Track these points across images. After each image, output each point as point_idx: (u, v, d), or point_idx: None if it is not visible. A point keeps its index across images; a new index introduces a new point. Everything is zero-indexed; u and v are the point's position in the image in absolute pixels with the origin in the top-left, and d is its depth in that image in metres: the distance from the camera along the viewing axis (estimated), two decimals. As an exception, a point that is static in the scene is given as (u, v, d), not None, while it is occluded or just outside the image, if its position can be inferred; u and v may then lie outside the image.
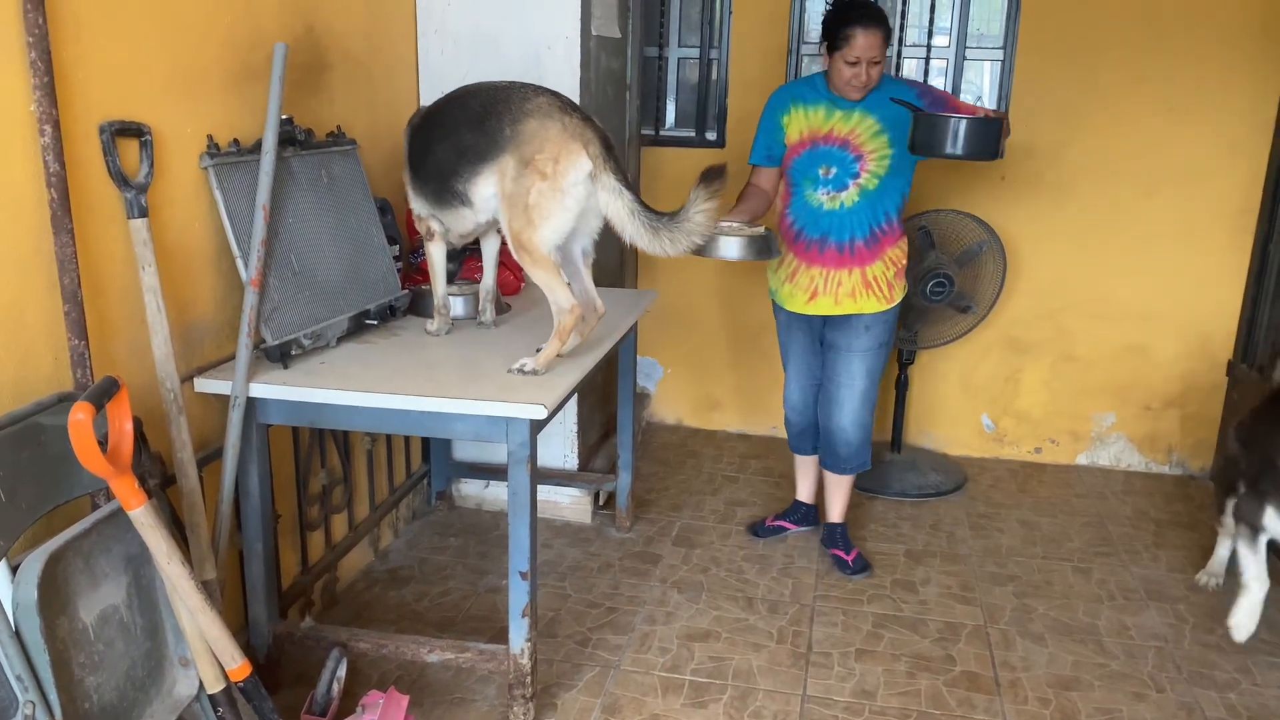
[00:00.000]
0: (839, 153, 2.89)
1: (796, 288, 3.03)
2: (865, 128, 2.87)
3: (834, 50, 2.79)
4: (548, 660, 2.65)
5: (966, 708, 2.53)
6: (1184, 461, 4.10)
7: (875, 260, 2.96)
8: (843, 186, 2.90)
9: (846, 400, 3.07)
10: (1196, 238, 3.87)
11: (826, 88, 2.90)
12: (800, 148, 2.93)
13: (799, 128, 2.92)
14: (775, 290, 3.14)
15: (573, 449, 3.46)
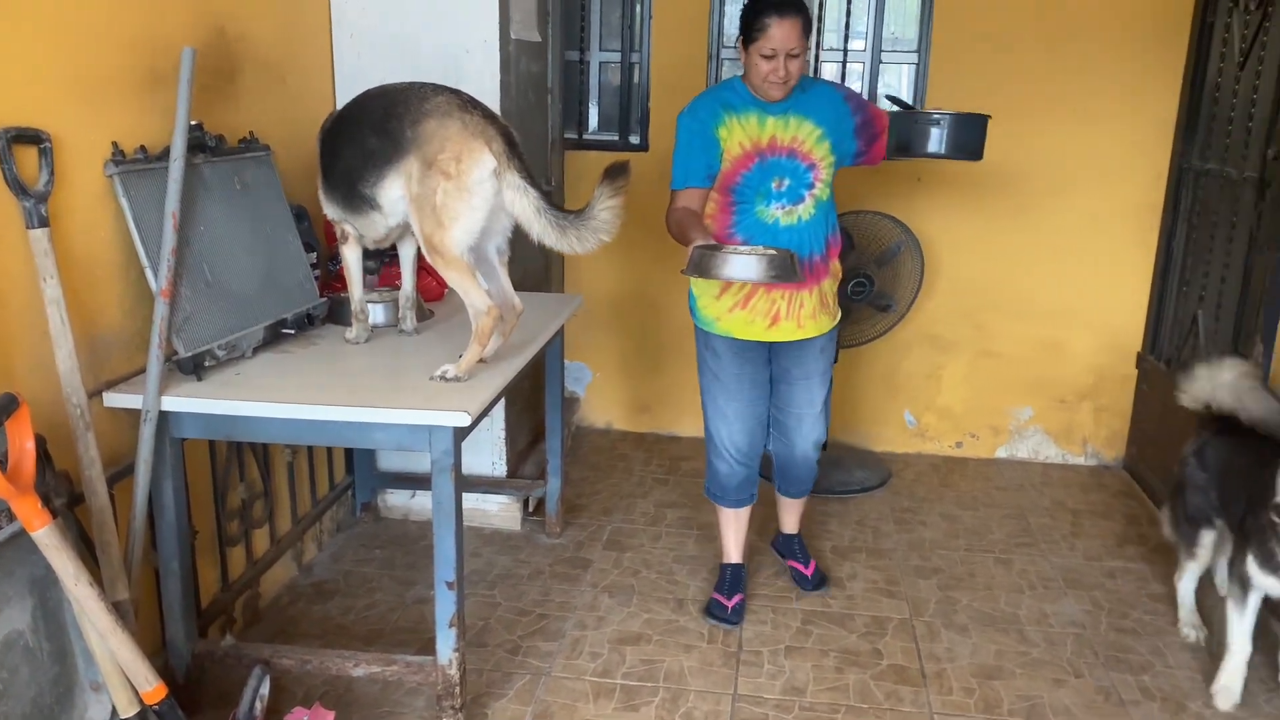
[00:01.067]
0: (789, 163, 2.64)
1: (754, 314, 2.71)
2: (806, 134, 2.64)
3: (749, 44, 2.55)
4: (477, 670, 2.62)
5: (894, 700, 2.57)
6: (1098, 452, 4.22)
7: (827, 274, 2.77)
8: (798, 199, 2.66)
9: (809, 428, 2.90)
10: (1105, 235, 3.99)
11: (749, 92, 2.64)
12: (747, 160, 2.63)
13: (739, 139, 2.63)
14: (713, 320, 2.77)
15: (501, 456, 3.43)
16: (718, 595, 2.97)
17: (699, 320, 2.84)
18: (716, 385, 2.84)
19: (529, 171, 2.30)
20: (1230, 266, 3.37)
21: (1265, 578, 2.41)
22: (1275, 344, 3.01)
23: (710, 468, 2.95)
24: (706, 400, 2.89)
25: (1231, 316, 3.34)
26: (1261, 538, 2.39)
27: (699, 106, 2.69)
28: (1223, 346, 3.36)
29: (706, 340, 2.84)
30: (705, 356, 2.86)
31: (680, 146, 2.69)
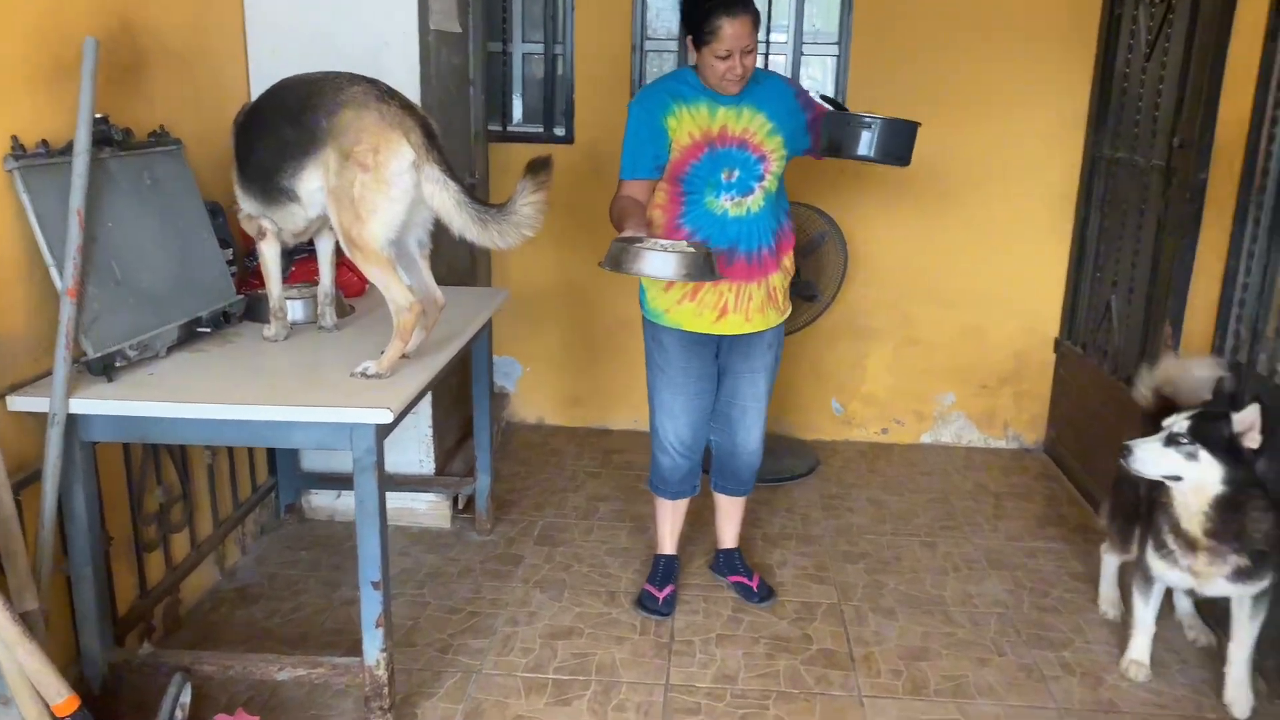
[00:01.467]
0: (739, 154, 2.60)
1: (702, 306, 2.67)
2: (758, 125, 2.61)
3: (701, 45, 2.51)
4: (406, 670, 2.59)
5: (824, 685, 2.61)
6: (1019, 436, 4.32)
7: (777, 269, 2.73)
8: (748, 191, 2.63)
9: (754, 422, 2.87)
10: (1023, 224, 4.08)
11: (699, 83, 2.60)
12: (697, 151, 2.59)
13: (688, 129, 2.59)
14: (662, 312, 2.73)
15: (428, 453, 3.39)
16: (649, 587, 2.97)
17: (647, 312, 2.78)
18: (663, 378, 2.79)
19: (449, 164, 2.27)
20: (1140, 252, 3.47)
21: (1158, 562, 2.48)
22: (1183, 326, 3.11)
23: (654, 461, 2.92)
24: (653, 393, 2.84)
25: (1143, 300, 3.44)
26: (1157, 518, 2.47)
27: (647, 96, 2.65)
28: (1136, 330, 3.46)
29: (654, 333, 2.79)
30: (652, 349, 2.81)
31: (628, 136, 2.65)
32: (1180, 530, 2.38)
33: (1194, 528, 2.34)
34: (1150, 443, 2.35)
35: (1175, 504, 2.38)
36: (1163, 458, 2.33)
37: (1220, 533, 2.31)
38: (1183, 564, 2.41)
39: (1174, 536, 2.41)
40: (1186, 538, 2.37)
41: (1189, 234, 3.06)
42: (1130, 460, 2.36)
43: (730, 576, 3.08)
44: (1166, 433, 2.33)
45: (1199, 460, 2.28)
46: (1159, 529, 2.46)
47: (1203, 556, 2.36)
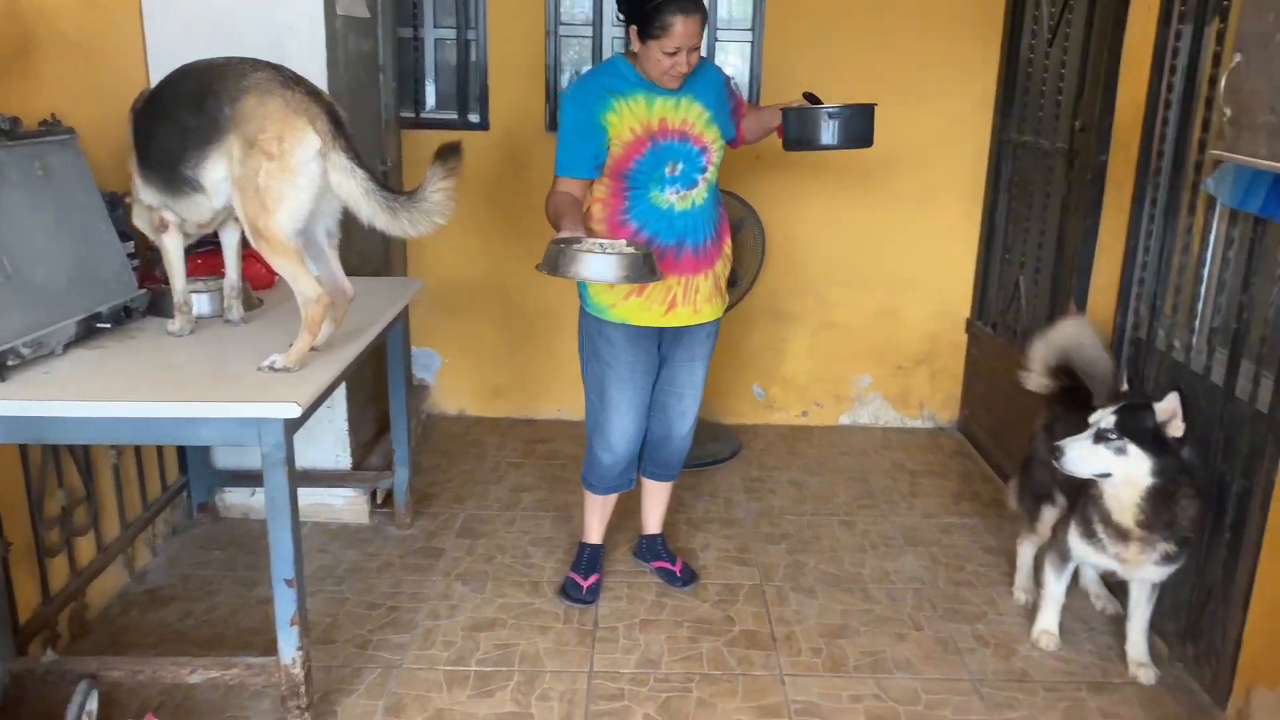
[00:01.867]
0: (682, 146, 2.57)
1: (650, 300, 2.63)
2: (695, 116, 2.59)
3: (649, 38, 2.45)
4: (325, 667, 2.55)
5: (746, 665, 2.63)
6: (934, 415, 4.42)
7: (720, 258, 2.73)
8: (692, 183, 2.60)
9: (690, 409, 2.86)
10: (935, 207, 4.16)
11: (635, 73, 2.55)
12: (640, 146, 2.54)
13: (629, 125, 2.53)
14: (607, 307, 2.66)
15: (345, 448, 3.33)
16: (574, 575, 2.95)
17: (590, 307, 2.69)
18: (610, 374, 2.71)
19: (356, 151, 2.23)
20: (1046, 233, 3.56)
21: (1083, 547, 2.53)
22: (1087, 304, 3.21)
23: (592, 459, 2.85)
24: (599, 390, 2.75)
25: (1049, 280, 3.53)
26: (1084, 508, 2.51)
27: (583, 93, 2.57)
28: (1043, 310, 3.56)
29: (599, 328, 2.70)
30: (597, 345, 2.72)
31: (565, 133, 2.58)
32: (1112, 522, 2.41)
33: (1126, 520, 2.38)
34: (1080, 441, 2.35)
35: (1106, 497, 2.41)
36: (1093, 455, 2.33)
37: (1152, 523, 2.36)
38: (1111, 551, 2.45)
39: (1104, 527, 2.44)
40: (1119, 529, 2.41)
41: (1091, 215, 3.15)
42: (1063, 462, 2.36)
43: (654, 562, 3.08)
44: (1094, 430, 2.35)
45: (1128, 454, 2.31)
46: (1088, 519, 2.49)
47: (1134, 546, 2.41)
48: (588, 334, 2.74)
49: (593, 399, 2.79)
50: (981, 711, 2.46)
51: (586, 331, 2.74)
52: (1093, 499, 2.46)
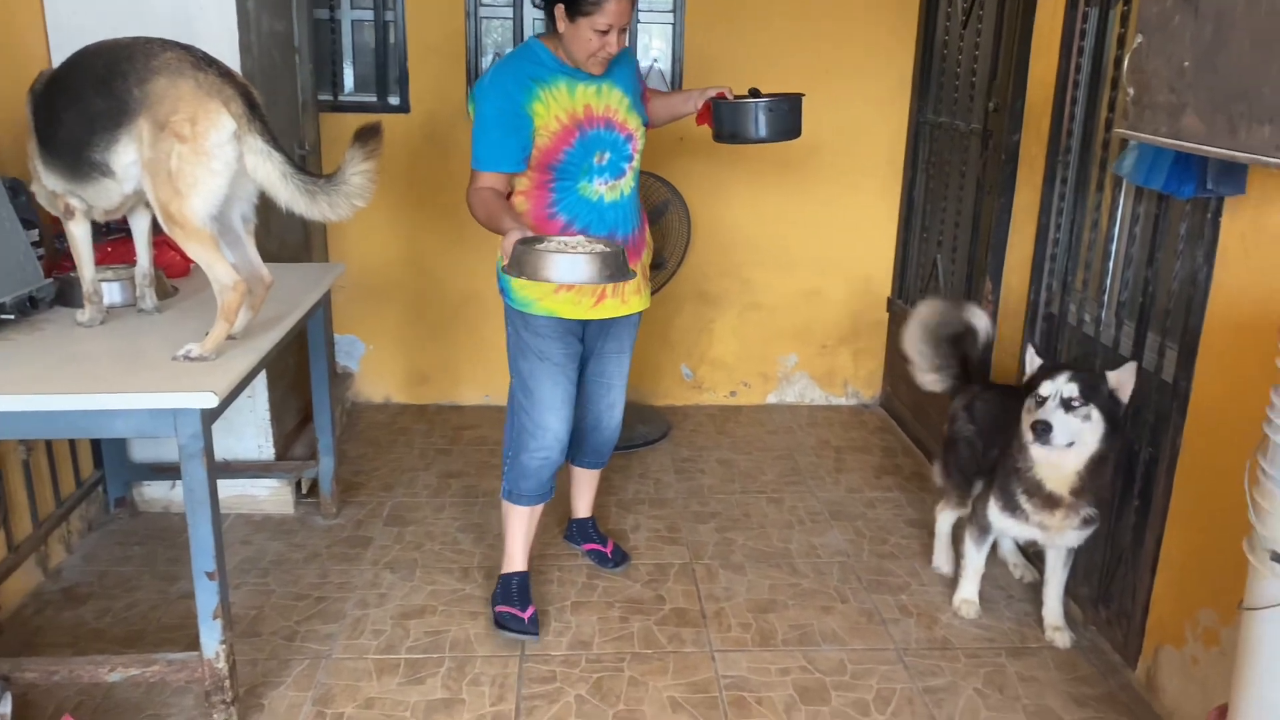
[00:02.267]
0: (609, 135, 2.48)
1: (580, 294, 2.52)
2: (617, 102, 2.50)
3: (578, 15, 2.33)
4: (251, 660, 2.51)
5: (676, 642, 2.66)
6: (858, 392, 4.50)
7: (645, 248, 2.69)
8: (620, 173, 2.52)
9: (619, 398, 2.80)
10: (856, 188, 4.22)
11: (554, 59, 2.44)
12: (569, 136, 2.43)
13: (555, 114, 2.41)
14: (533, 300, 2.53)
15: (267, 438, 3.27)
16: (508, 609, 2.70)
17: (514, 301, 2.56)
18: (542, 370, 2.58)
19: (273, 134, 2.18)
20: (962, 213, 3.64)
21: (1004, 519, 2.59)
22: (1001, 281, 3.29)
23: (519, 466, 2.65)
24: (529, 388, 2.60)
25: (966, 259, 3.61)
26: (1006, 481, 2.56)
27: (505, 81, 2.40)
28: (961, 288, 3.64)
29: (526, 322, 2.57)
30: (526, 340, 2.58)
31: (486, 126, 2.41)
32: (1042, 491, 2.46)
33: (1062, 488, 2.43)
34: (1058, 413, 2.34)
35: (1042, 468, 2.44)
36: (1067, 426, 2.35)
37: (1084, 489, 2.42)
38: (1035, 521, 2.51)
39: (1030, 498, 2.49)
40: (1049, 497, 2.46)
41: (1005, 194, 3.23)
42: (1050, 437, 2.33)
43: (585, 544, 3.08)
44: (1059, 399, 2.35)
45: (1092, 421, 2.35)
46: (1009, 493, 2.54)
47: (1061, 513, 2.47)
48: (515, 329, 2.62)
49: (521, 399, 2.63)
50: (906, 680, 2.53)
51: (514, 327, 2.62)
52: (1019, 473, 2.50)
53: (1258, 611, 1.58)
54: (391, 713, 2.35)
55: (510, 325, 2.63)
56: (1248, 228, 2.08)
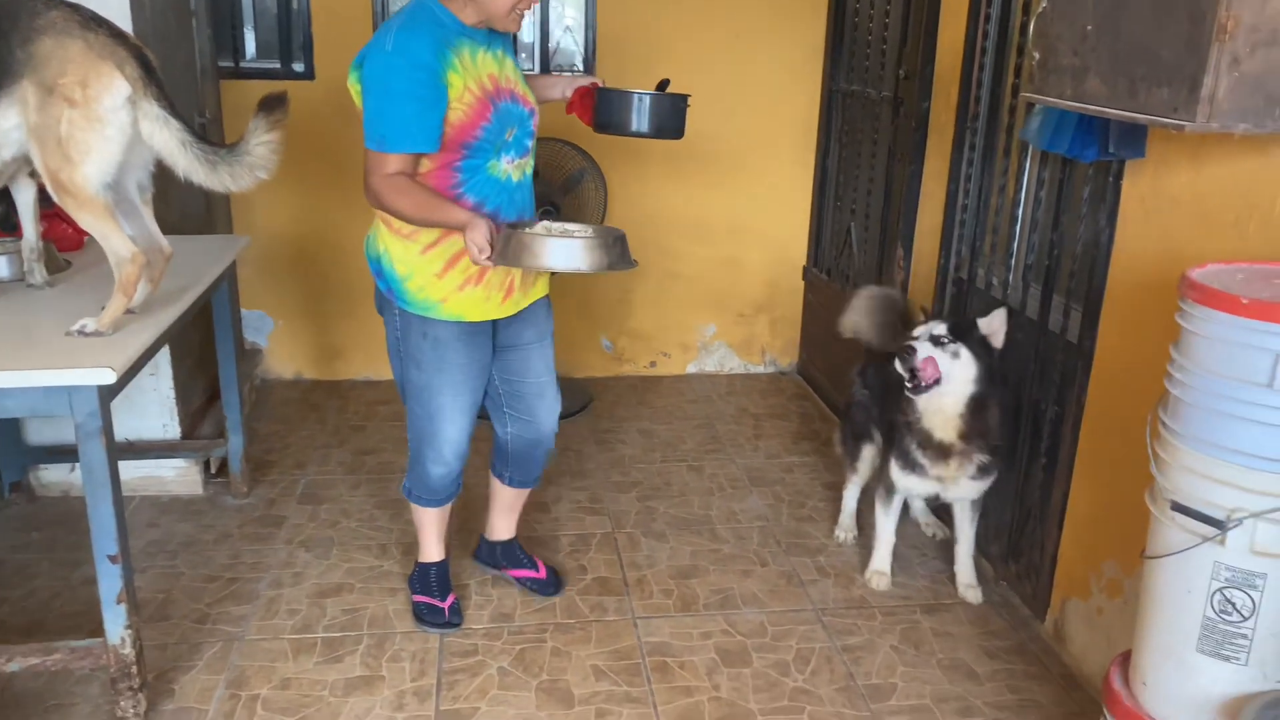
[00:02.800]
0: (515, 108, 2.24)
1: (490, 289, 2.27)
2: (514, 73, 2.28)
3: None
4: (160, 645, 2.43)
5: (599, 611, 2.66)
6: (775, 360, 4.54)
7: None
8: (524, 150, 2.30)
9: (554, 398, 2.54)
10: (771, 157, 4.24)
11: (454, 19, 2.14)
12: (484, 109, 2.15)
13: (468, 83, 2.12)
14: (436, 303, 2.25)
15: (173, 417, 3.16)
16: (426, 599, 2.57)
17: (410, 305, 2.27)
18: (441, 380, 2.32)
19: (170, 100, 2.09)
20: (875, 180, 3.69)
21: (905, 478, 2.65)
22: (913, 248, 3.34)
23: (422, 472, 2.45)
24: (425, 399, 2.34)
25: (878, 226, 3.66)
26: (901, 441, 2.62)
27: (416, 46, 2.06)
28: (873, 255, 3.69)
29: (425, 328, 2.28)
30: (422, 349, 2.30)
31: (395, 98, 2.06)
32: (933, 441, 2.52)
33: (950, 434, 2.49)
34: (924, 344, 2.42)
35: (927, 416, 2.50)
36: (931, 355, 2.41)
37: (970, 433, 2.48)
38: (932, 474, 2.57)
39: (923, 450, 2.55)
40: (940, 446, 2.52)
41: (915, 161, 3.28)
42: (912, 356, 2.40)
43: (512, 570, 2.75)
44: (928, 335, 2.44)
45: (960, 359, 2.43)
46: (906, 450, 2.60)
47: (954, 461, 2.53)
48: (404, 336, 2.32)
49: (415, 409, 2.38)
50: (824, 639, 2.57)
51: (403, 334, 2.32)
52: (910, 427, 2.57)
53: (1159, 560, 1.64)
54: (309, 692, 2.31)
55: (398, 332, 2.33)
56: (1147, 190, 2.14)
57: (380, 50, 2.08)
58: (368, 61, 2.10)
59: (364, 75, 2.10)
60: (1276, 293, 1.51)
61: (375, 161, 2.11)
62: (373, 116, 2.09)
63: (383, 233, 2.28)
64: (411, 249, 2.24)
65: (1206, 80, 1.54)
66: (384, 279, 2.31)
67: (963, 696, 2.37)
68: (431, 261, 2.24)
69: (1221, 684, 1.58)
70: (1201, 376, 1.52)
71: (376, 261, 2.32)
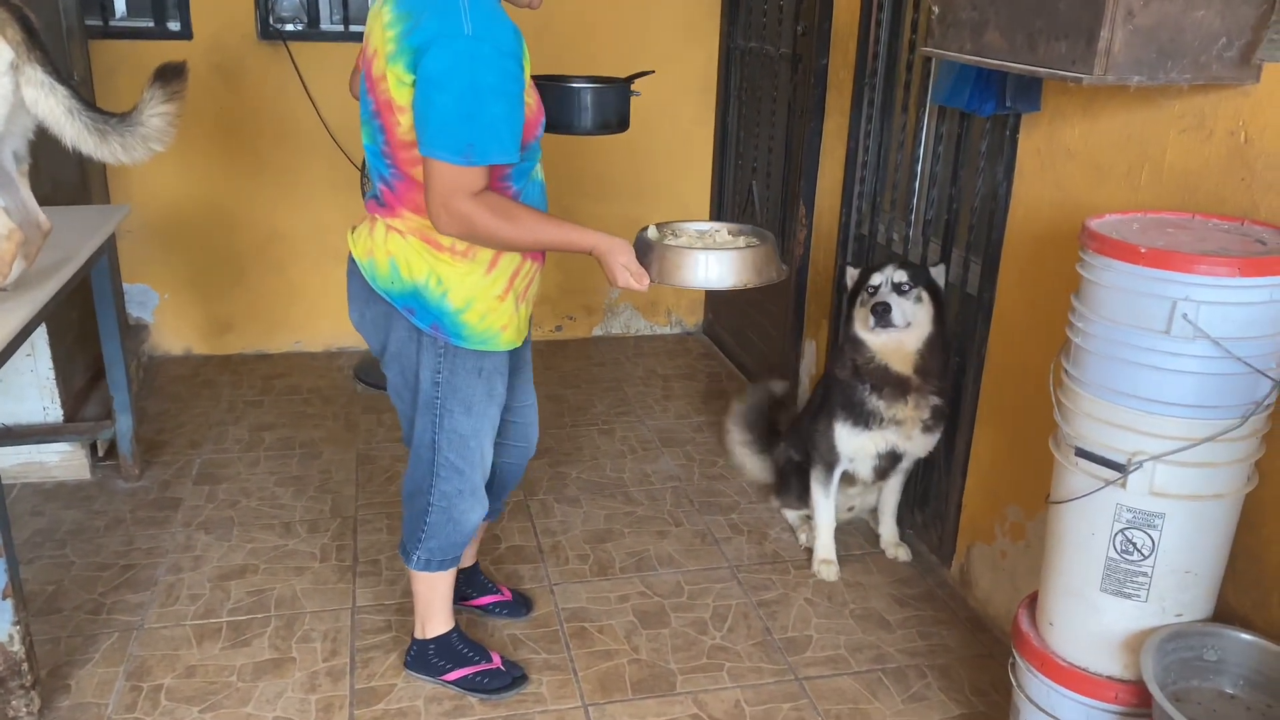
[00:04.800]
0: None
1: (529, 305, 2.03)
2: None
3: None
4: (53, 639, 2.32)
5: (514, 580, 2.63)
6: (681, 320, 4.54)
7: None
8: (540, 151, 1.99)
9: (535, 418, 2.32)
10: (671, 114, 4.20)
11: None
12: (540, 103, 1.89)
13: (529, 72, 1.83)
14: (496, 333, 1.92)
15: (53, 399, 2.99)
16: (470, 669, 2.21)
17: (467, 339, 1.90)
18: (486, 421, 2.01)
19: (55, 65, 1.96)
20: (775, 138, 3.69)
21: (855, 437, 2.56)
22: (814, 205, 3.36)
23: (450, 530, 2.09)
24: (467, 448, 2.01)
25: (780, 183, 3.67)
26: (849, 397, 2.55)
27: (502, 27, 1.70)
28: (776, 212, 3.71)
29: (479, 364, 1.93)
30: (474, 389, 1.95)
31: (487, 96, 1.68)
32: (890, 375, 2.48)
33: (907, 368, 2.47)
34: (892, 295, 2.42)
35: (884, 354, 2.47)
36: (902, 307, 2.42)
37: (926, 369, 2.47)
38: (888, 416, 2.51)
39: (878, 393, 2.50)
40: (898, 381, 2.47)
41: (815, 118, 3.29)
42: (890, 317, 2.39)
43: (480, 598, 2.48)
44: (890, 285, 2.43)
45: (924, 302, 2.45)
46: (853, 403, 2.55)
47: (911, 399, 2.49)
48: (451, 379, 1.94)
49: (451, 461, 2.01)
50: (740, 595, 2.59)
51: (449, 375, 1.93)
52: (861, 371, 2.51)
53: (1063, 504, 1.68)
54: (216, 679, 2.23)
55: (438, 375, 1.94)
56: (1043, 143, 2.18)
57: (456, 34, 1.65)
58: (438, 48, 1.66)
59: (433, 66, 1.66)
60: (1172, 241, 1.56)
61: (456, 178, 1.69)
62: (454, 120, 1.67)
63: (423, 254, 1.86)
64: (474, 270, 1.86)
65: (1103, 33, 1.57)
66: (425, 314, 1.89)
67: (875, 645, 2.42)
68: (495, 283, 1.89)
69: (1124, 621, 1.64)
70: (1102, 324, 1.56)
71: (411, 295, 1.88)
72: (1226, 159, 1.71)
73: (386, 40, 1.72)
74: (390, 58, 1.72)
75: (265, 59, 3.78)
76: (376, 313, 1.95)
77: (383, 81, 1.75)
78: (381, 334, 1.96)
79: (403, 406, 2.05)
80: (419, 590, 2.19)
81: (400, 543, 2.17)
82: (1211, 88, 1.72)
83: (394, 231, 1.87)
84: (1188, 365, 1.49)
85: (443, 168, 1.69)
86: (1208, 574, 1.63)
